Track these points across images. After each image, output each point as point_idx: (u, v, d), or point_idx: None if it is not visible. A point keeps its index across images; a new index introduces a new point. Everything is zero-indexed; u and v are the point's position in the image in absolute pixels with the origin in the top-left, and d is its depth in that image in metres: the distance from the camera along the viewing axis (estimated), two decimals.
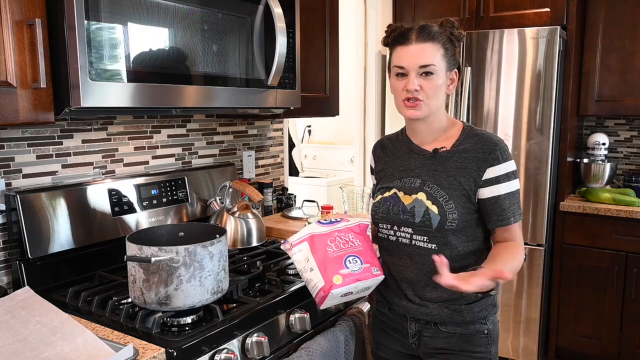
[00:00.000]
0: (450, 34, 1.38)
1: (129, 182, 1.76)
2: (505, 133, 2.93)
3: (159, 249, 1.27)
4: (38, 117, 1.24)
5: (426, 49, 1.34)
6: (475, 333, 1.42)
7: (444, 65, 1.36)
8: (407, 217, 1.40)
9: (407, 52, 1.36)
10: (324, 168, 4.64)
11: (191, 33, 1.46)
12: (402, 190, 1.44)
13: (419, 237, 1.40)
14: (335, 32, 2.29)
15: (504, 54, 2.90)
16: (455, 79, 1.42)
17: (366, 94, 3.44)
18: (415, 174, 1.44)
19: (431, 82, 1.35)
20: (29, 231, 1.49)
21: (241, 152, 2.34)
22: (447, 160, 1.41)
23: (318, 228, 1.42)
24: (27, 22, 1.20)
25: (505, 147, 1.39)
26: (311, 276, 1.37)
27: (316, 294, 1.36)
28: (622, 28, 2.97)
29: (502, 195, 1.36)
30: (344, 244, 1.40)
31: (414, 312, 1.44)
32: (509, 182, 1.37)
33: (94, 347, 1.15)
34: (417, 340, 1.47)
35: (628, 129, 3.34)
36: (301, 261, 1.39)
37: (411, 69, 1.35)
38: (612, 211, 2.83)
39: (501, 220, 1.38)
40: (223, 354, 1.27)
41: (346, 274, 1.35)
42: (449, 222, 1.36)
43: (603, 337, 2.94)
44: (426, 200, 1.38)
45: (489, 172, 1.36)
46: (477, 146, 1.39)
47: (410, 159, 1.47)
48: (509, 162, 1.38)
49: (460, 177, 1.38)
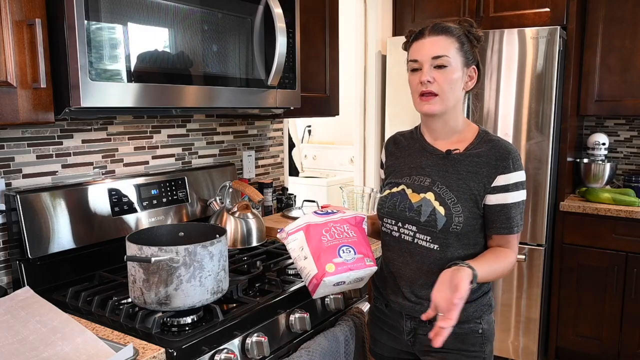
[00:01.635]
0: (468, 31, 1.39)
1: (129, 182, 1.76)
2: (505, 133, 2.93)
3: (159, 249, 1.27)
4: (38, 117, 1.24)
5: (439, 41, 1.35)
6: (470, 332, 1.42)
7: (460, 59, 1.36)
8: (412, 215, 1.40)
9: (421, 45, 1.37)
10: (324, 168, 4.64)
11: (191, 33, 1.46)
12: (410, 188, 1.44)
13: (422, 236, 1.40)
14: (335, 32, 2.28)
15: (504, 54, 2.90)
16: (475, 76, 1.42)
17: (366, 94, 3.44)
18: (426, 173, 1.43)
19: (445, 74, 1.35)
20: (29, 231, 1.49)
21: (241, 152, 2.34)
22: (459, 162, 1.40)
23: (314, 218, 1.44)
24: (27, 22, 1.20)
25: (517, 157, 1.39)
26: (305, 264, 1.38)
27: (309, 282, 1.38)
28: (622, 28, 2.97)
29: (509, 204, 1.36)
30: (338, 234, 1.41)
31: (409, 309, 1.45)
32: (518, 192, 1.37)
33: (94, 347, 1.15)
34: (413, 337, 1.47)
35: (628, 129, 3.34)
36: (296, 249, 1.41)
37: (425, 61, 1.35)
38: (612, 211, 2.83)
39: (504, 228, 1.38)
40: (223, 354, 1.27)
41: (339, 262, 1.36)
42: (454, 225, 1.36)
43: (603, 337, 2.94)
44: (434, 200, 1.38)
45: (499, 179, 1.36)
46: (490, 152, 1.38)
47: (422, 157, 1.47)
48: (520, 172, 1.38)
49: (470, 181, 1.37)
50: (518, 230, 1.39)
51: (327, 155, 4.65)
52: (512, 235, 1.39)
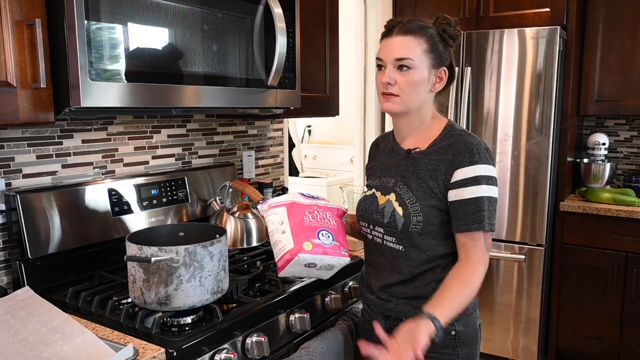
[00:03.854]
0: (443, 30, 1.35)
1: (129, 182, 1.76)
2: (505, 133, 2.93)
3: (159, 249, 1.27)
4: (38, 117, 1.24)
5: (405, 42, 1.32)
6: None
7: (427, 61, 1.33)
8: (378, 217, 1.40)
9: (387, 44, 1.35)
10: (324, 168, 4.63)
11: (191, 33, 1.46)
12: (379, 190, 1.43)
13: (388, 237, 1.40)
14: (335, 32, 2.28)
15: (504, 54, 2.90)
16: (444, 77, 1.38)
17: (366, 94, 3.44)
18: (391, 174, 1.43)
19: (407, 76, 1.32)
20: (29, 231, 1.49)
21: (241, 152, 2.34)
22: (418, 161, 1.38)
23: (300, 198, 1.45)
24: (27, 22, 1.20)
25: (479, 151, 1.31)
26: (281, 238, 1.37)
27: (281, 256, 1.36)
28: (622, 28, 2.97)
29: (466, 199, 1.29)
30: (320, 219, 1.42)
31: (380, 307, 1.44)
32: (477, 187, 1.29)
33: (94, 347, 1.15)
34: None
35: (628, 129, 3.34)
36: (275, 222, 1.40)
37: (388, 62, 1.33)
38: (612, 211, 2.83)
39: (461, 225, 1.30)
40: (223, 354, 1.27)
41: (317, 243, 1.36)
42: (413, 225, 1.34)
43: (603, 337, 2.94)
44: (395, 201, 1.37)
45: (456, 174, 1.31)
46: (449, 148, 1.34)
47: (390, 158, 1.46)
48: (482, 165, 1.30)
49: (429, 179, 1.34)
50: (478, 229, 1.29)
51: (327, 155, 4.65)
52: (475, 234, 1.30)
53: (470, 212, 1.29)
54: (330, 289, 1.68)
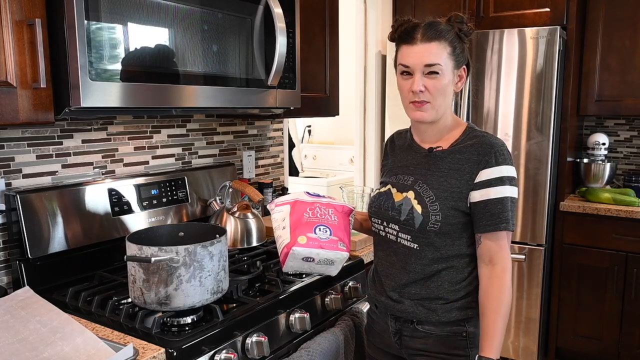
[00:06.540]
0: (459, 30, 1.36)
1: (129, 182, 1.76)
2: (505, 133, 2.93)
3: (159, 249, 1.27)
4: (38, 117, 1.24)
5: (431, 49, 1.32)
6: (453, 335, 1.38)
7: (451, 63, 1.34)
8: (394, 214, 1.40)
9: (412, 51, 1.33)
10: (324, 168, 4.63)
11: (191, 33, 1.46)
12: (395, 187, 1.43)
13: (403, 235, 1.40)
14: (335, 32, 2.28)
15: (504, 54, 2.90)
16: (464, 75, 1.40)
17: (366, 94, 3.44)
18: (409, 172, 1.43)
19: (437, 81, 1.32)
20: (29, 231, 1.49)
21: (241, 152, 2.34)
22: (441, 160, 1.38)
23: (304, 196, 1.51)
24: (27, 22, 1.20)
25: (502, 151, 1.33)
26: (281, 233, 1.44)
27: (281, 251, 1.42)
28: (622, 28, 2.97)
29: (492, 199, 1.30)
30: (320, 215, 1.46)
31: (392, 308, 1.43)
32: (502, 187, 1.31)
33: (94, 347, 1.15)
34: (399, 339, 1.44)
35: (628, 129, 3.34)
36: (278, 220, 1.47)
37: (417, 69, 1.32)
38: (612, 211, 2.83)
39: (489, 225, 1.31)
40: (223, 354, 1.27)
41: (312, 237, 1.40)
42: (431, 224, 1.34)
43: (603, 337, 2.94)
44: (413, 199, 1.37)
45: (482, 174, 1.32)
46: (473, 148, 1.35)
47: (408, 156, 1.46)
48: (505, 166, 1.32)
49: (452, 178, 1.35)
50: (506, 228, 1.31)
51: (327, 155, 4.64)
52: (499, 232, 1.31)
53: (497, 211, 1.31)
54: (330, 289, 1.68)
